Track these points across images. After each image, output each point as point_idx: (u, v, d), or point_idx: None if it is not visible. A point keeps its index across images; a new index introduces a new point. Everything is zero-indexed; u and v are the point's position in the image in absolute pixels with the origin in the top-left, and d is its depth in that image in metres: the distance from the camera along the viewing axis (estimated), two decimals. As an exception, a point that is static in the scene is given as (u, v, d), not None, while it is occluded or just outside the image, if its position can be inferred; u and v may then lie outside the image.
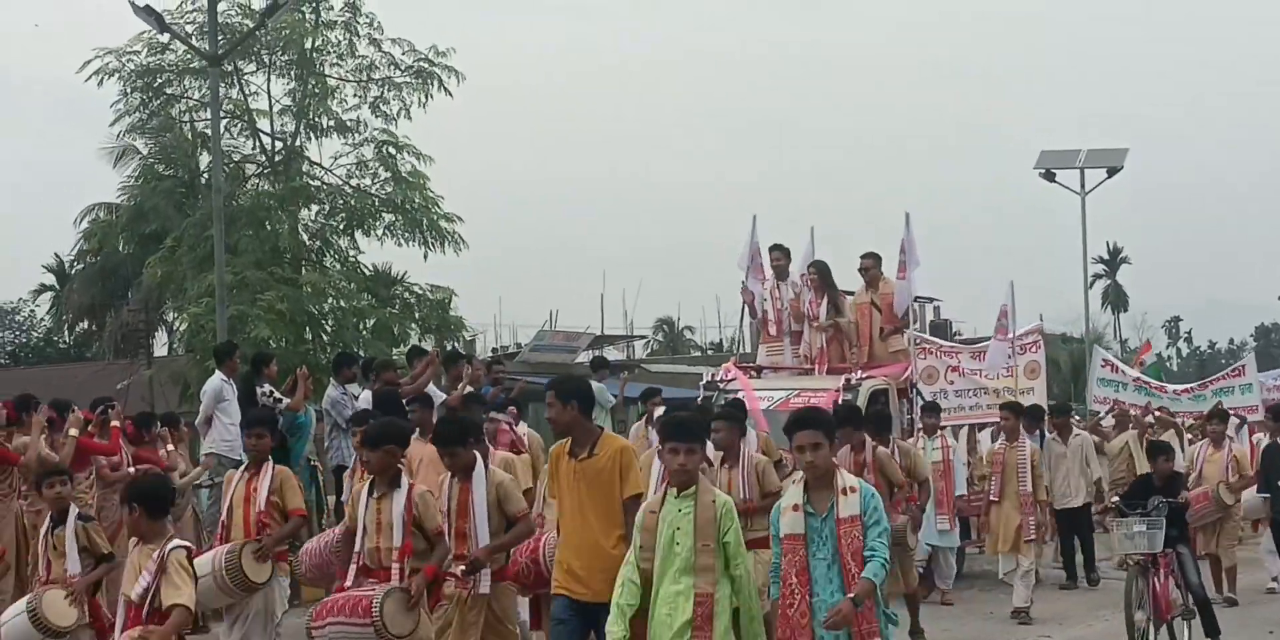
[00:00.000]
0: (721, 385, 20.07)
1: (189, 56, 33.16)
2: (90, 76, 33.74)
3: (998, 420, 19.01)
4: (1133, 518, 14.26)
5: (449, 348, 30.64)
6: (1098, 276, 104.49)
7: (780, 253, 21.12)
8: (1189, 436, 24.78)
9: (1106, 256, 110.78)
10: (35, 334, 73.23)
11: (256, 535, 11.76)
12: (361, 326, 32.83)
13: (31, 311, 73.18)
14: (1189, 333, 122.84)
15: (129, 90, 34.14)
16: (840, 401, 18.06)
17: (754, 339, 23.04)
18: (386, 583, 10.27)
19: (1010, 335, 21.04)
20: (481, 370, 20.79)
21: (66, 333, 63.78)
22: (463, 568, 10.54)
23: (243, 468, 12.30)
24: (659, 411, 17.56)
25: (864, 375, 19.67)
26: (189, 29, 32.28)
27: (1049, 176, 45.39)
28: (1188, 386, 27.46)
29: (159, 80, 34.23)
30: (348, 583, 10.52)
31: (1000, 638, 16.23)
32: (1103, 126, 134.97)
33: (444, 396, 17.80)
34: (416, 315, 34.08)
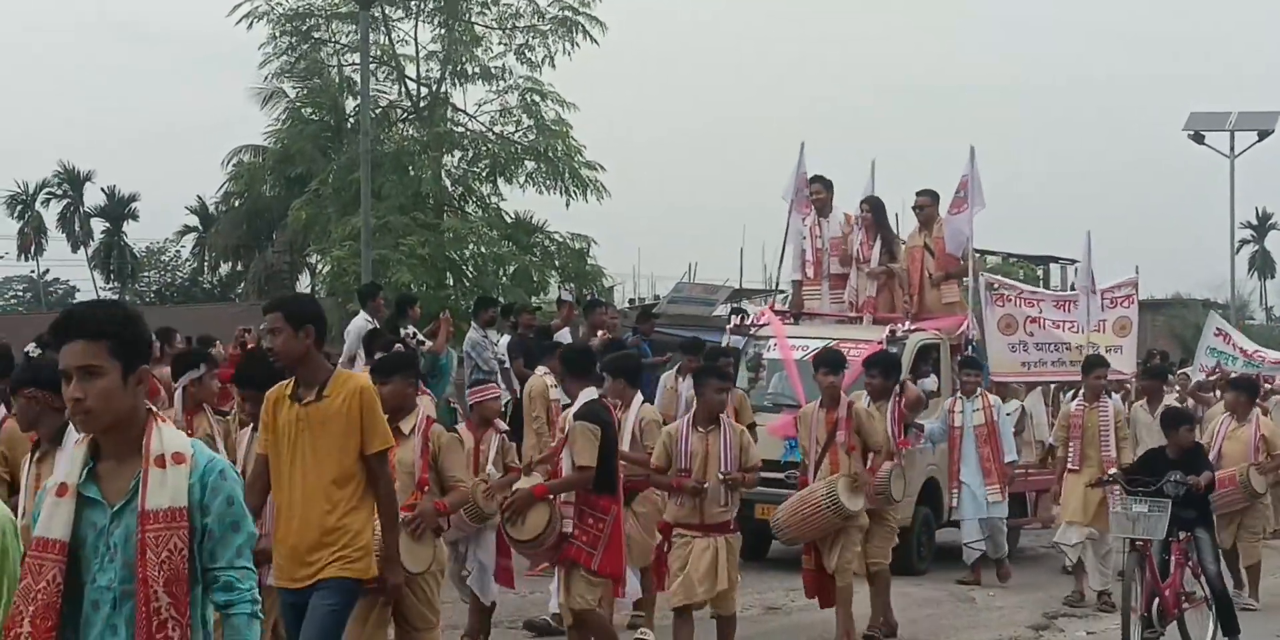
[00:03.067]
0: (752, 331, 18.15)
1: (336, 1, 33.49)
2: (240, 20, 34.24)
3: (1079, 379, 16.71)
4: (1136, 497, 12.60)
5: (588, 295, 30.77)
6: (1245, 242, 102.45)
7: (821, 185, 18.74)
8: None
9: (1255, 222, 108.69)
10: (180, 274, 74.53)
11: None
12: (501, 273, 33.08)
13: (177, 252, 74.54)
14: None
15: (277, 34, 34.53)
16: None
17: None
18: None
19: (1094, 288, 19.04)
20: (618, 318, 20.85)
21: (210, 274, 64.86)
22: None
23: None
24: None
25: (912, 327, 17.54)
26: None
27: (1198, 138, 44.72)
28: None
29: (307, 24, 34.59)
30: None
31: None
32: (1255, 89, 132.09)
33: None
34: (556, 263, 34.26)
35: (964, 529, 16.68)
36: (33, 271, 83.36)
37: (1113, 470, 13.90)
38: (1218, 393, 20.01)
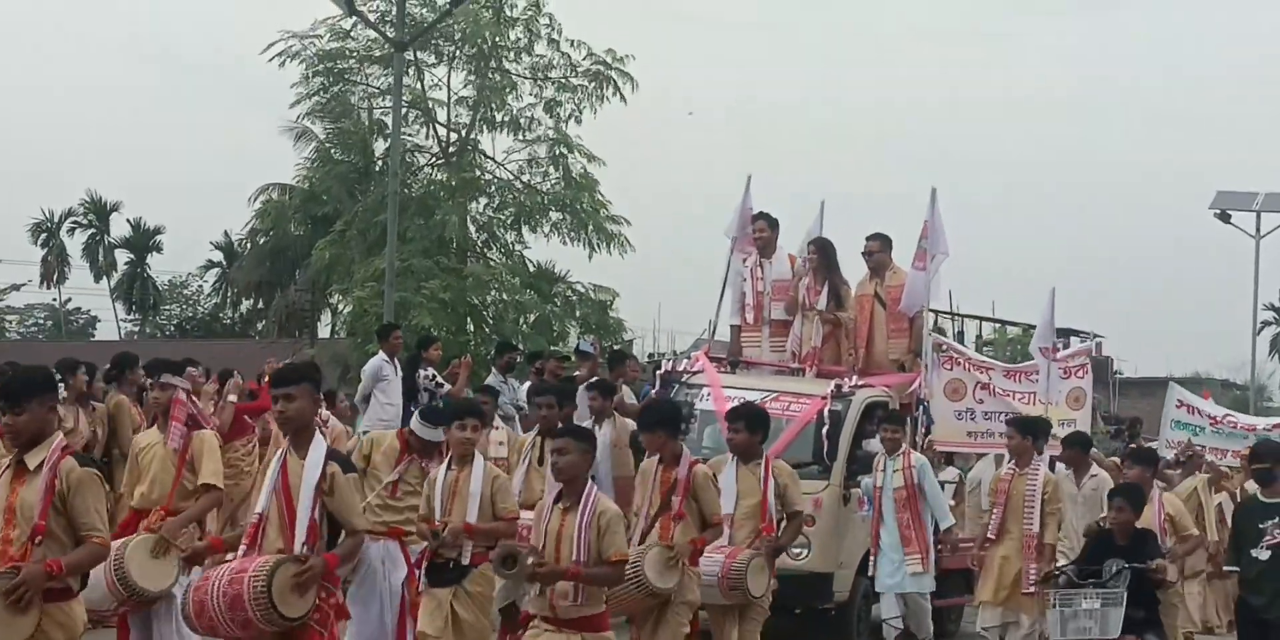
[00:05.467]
0: (685, 378, 16.42)
1: (370, 44, 33.74)
2: (273, 58, 34.51)
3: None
4: (1084, 590, 11.52)
5: (610, 346, 30.82)
6: (1267, 323, 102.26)
7: (765, 223, 17.11)
8: None
9: (1278, 304, 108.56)
10: (202, 308, 74.76)
11: None
12: (522, 320, 33.15)
13: (199, 287, 74.81)
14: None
15: (310, 74, 34.77)
16: (828, 411, 15.19)
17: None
18: None
19: (1055, 353, 17.52)
20: (639, 371, 20.87)
21: (232, 309, 65.07)
22: None
23: None
24: None
25: (859, 382, 15.88)
26: (370, 17, 32.87)
27: (1224, 217, 44.64)
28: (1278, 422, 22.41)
29: (340, 66, 34.82)
30: None
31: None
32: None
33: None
34: (577, 313, 34.35)
35: (882, 603, 15.05)
36: (54, 300, 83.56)
37: (1061, 563, 12.55)
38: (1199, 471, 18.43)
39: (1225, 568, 13.65)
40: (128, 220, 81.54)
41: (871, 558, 14.90)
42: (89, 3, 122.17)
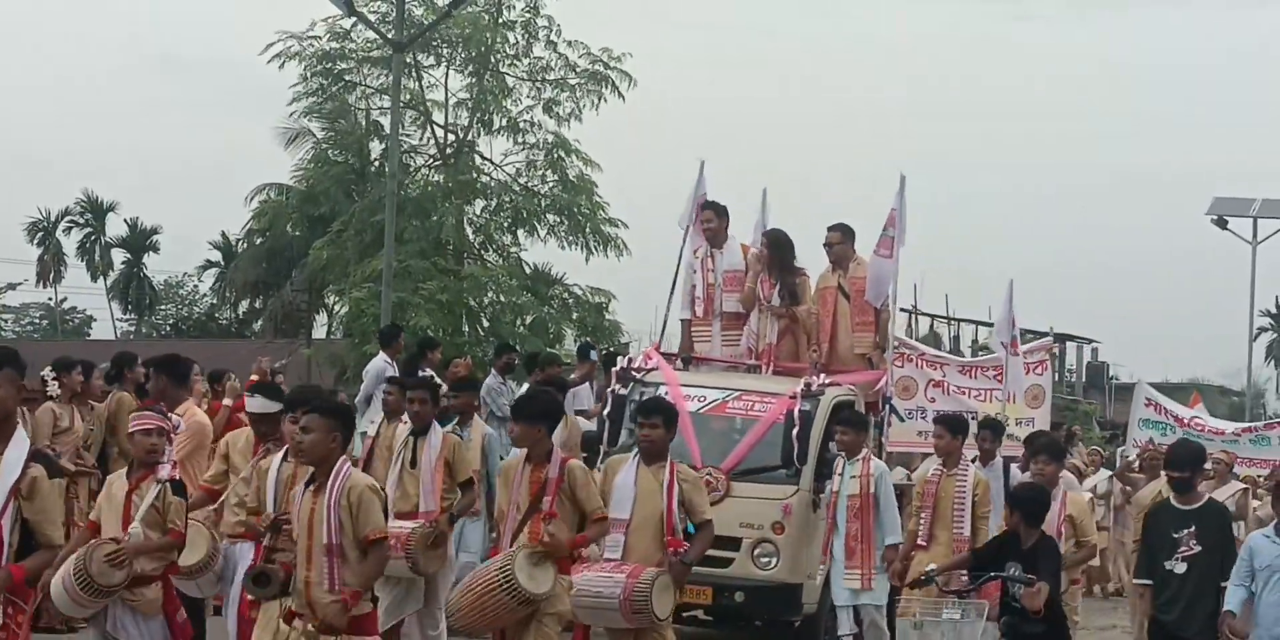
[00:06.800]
0: (638, 375, 15.25)
1: (369, 45, 33.71)
2: (272, 59, 34.48)
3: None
4: (946, 599, 10.69)
5: (608, 349, 30.86)
6: (1263, 330, 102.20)
7: (714, 212, 16.10)
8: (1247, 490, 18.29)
9: (1275, 310, 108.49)
10: (198, 309, 74.77)
11: None
12: (519, 322, 33.17)
13: (195, 286, 74.82)
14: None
15: (308, 75, 34.74)
16: (797, 412, 14.21)
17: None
18: None
19: (1014, 348, 16.61)
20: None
21: (230, 309, 65.08)
22: None
23: None
24: None
25: (828, 380, 14.87)
26: (370, 18, 32.87)
27: (1221, 223, 44.70)
28: (1249, 426, 21.82)
29: (339, 66, 34.80)
30: None
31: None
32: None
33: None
34: (574, 316, 34.37)
35: (838, 617, 13.76)
36: (50, 299, 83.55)
37: (931, 566, 11.72)
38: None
39: (1135, 582, 12.64)
40: (124, 220, 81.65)
41: (820, 566, 13.93)
42: (89, 3, 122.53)
